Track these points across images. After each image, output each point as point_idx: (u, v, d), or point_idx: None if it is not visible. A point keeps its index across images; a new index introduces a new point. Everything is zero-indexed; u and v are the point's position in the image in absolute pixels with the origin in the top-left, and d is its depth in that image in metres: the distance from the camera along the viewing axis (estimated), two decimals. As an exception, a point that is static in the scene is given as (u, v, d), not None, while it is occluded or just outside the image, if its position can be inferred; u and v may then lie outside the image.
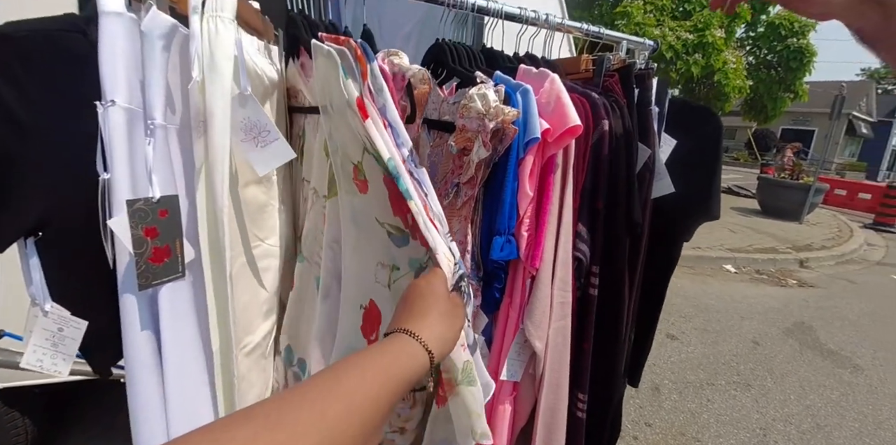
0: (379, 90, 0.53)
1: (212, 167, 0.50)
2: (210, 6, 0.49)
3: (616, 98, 0.79)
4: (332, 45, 0.53)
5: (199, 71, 0.48)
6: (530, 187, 0.64)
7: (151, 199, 0.48)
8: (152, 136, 0.48)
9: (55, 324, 0.56)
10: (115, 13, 0.48)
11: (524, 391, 0.76)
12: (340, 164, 0.59)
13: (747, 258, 4.42)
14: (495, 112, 0.58)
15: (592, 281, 0.78)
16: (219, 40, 0.49)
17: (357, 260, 0.60)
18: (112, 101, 0.47)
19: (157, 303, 0.51)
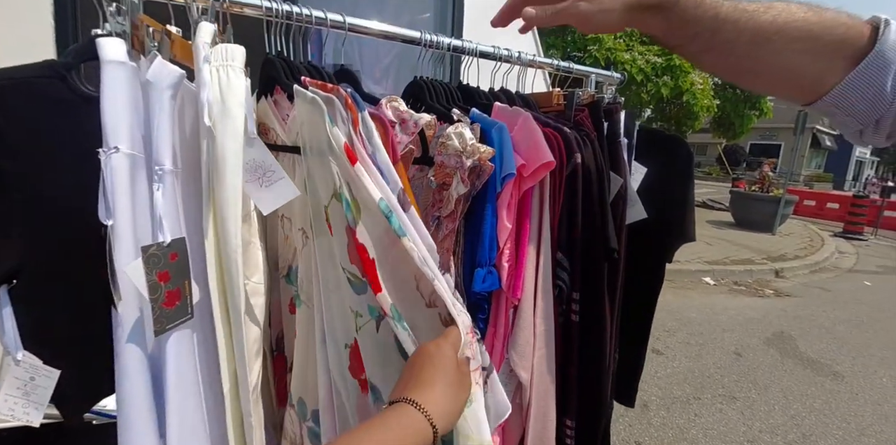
0: (370, 137, 0.55)
1: (224, 209, 0.50)
2: (220, 55, 0.51)
3: (587, 131, 0.84)
4: (317, 92, 0.55)
5: (209, 117, 0.49)
6: (508, 220, 0.67)
7: (163, 244, 0.48)
8: (161, 182, 0.49)
9: (27, 373, 0.55)
10: (118, 62, 0.49)
11: (511, 421, 0.77)
12: (314, 205, 0.60)
13: (725, 270, 4.54)
14: (472, 150, 0.61)
15: (573, 308, 0.80)
16: (231, 88, 0.50)
17: (337, 300, 0.61)
18: (116, 148, 0.47)
19: (164, 348, 0.50)
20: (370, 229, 0.54)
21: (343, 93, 0.55)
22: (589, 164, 0.80)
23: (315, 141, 0.56)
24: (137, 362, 0.50)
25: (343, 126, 0.54)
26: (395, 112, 0.64)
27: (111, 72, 0.49)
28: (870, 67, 0.44)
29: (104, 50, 0.49)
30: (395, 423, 0.35)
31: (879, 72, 0.44)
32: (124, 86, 0.49)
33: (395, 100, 0.65)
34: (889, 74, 0.44)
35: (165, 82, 0.49)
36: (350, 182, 0.52)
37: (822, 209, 9.35)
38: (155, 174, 0.49)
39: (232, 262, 0.51)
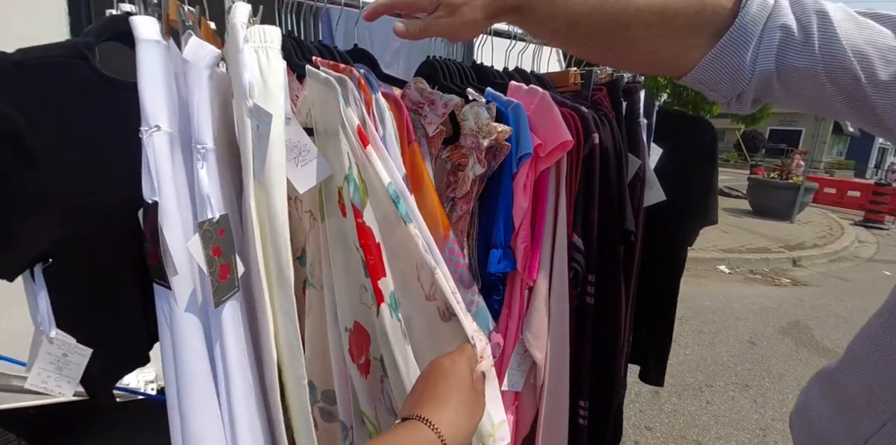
0: (381, 120, 0.55)
1: (271, 187, 0.51)
2: (258, 37, 0.50)
3: (605, 111, 0.82)
4: (330, 73, 0.54)
5: (251, 97, 0.49)
6: (524, 200, 0.66)
7: (212, 220, 0.49)
8: (205, 160, 0.49)
9: (60, 350, 0.57)
10: (155, 41, 0.49)
11: (525, 400, 0.77)
12: (326, 187, 0.60)
13: (740, 258, 4.46)
14: (488, 129, 0.60)
15: (589, 290, 0.79)
16: (271, 69, 0.50)
17: (345, 280, 0.61)
18: (157, 127, 0.48)
19: (221, 318, 0.51)
20: (376, 213, 0.53)
21: (356, 74, 0.54)
22: (607, 145, 0.78)
23: (328, 122, 0.55)
24: (195, 331, 0.51)
25: (356, 107, 0.53)
26: (423, 93, 0.63)
27: (147, 50, 0.48)
28: (729, 44, 0.44)
29: (139, 28, 0.49)
30: (407, 441, 0.34)
31: (739, 48, 0.44)
32: (160, 65, 0.49)
33: (421, 81, 0.64)
34: (748, 50, 0.43)
35: (204, 62, 0.49)
36: (360, 164, 0.52)
37: (843, 197, 9.09)
38: (198, 152, 0.49)
39: (279, 238, 0.52)
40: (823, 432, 0.50)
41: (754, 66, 0.44)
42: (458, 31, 0.52)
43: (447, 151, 0.68)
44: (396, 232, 0.53)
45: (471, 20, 0.51)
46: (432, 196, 0.60)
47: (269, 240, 0.53)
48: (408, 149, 0.58)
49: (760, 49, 0.43)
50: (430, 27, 0.51)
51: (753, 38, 0.43)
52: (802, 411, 0.55)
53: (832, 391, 0.51)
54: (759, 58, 0.43)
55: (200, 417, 0.50)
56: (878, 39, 0.40)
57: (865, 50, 0.39)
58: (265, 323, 0.54)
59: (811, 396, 0.54)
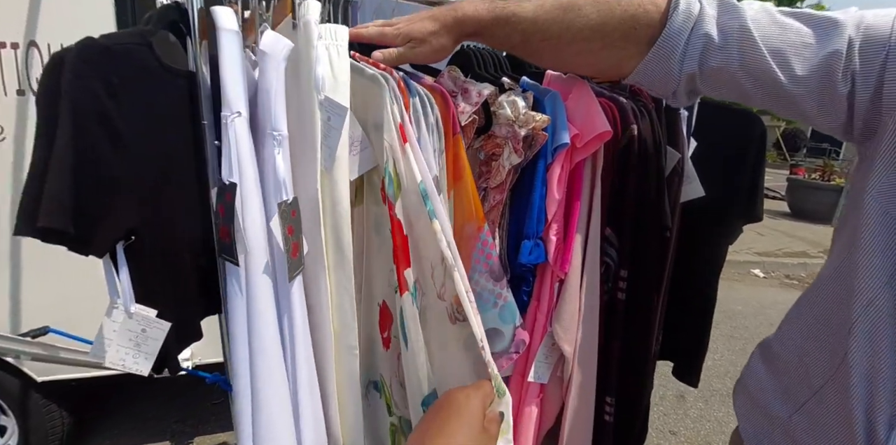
0: (417, 122, 0.57)
1: (337, 174, 0.55)
2: (329, 34, 0.54)
3: (644, 102, 0.79)
4: (374, 69, 0.57)
5: (322, 91, 0.52)
6: (559, 192, 0.65)
7: (287, 202, 0.53)
8: (280, 147, 0.53)
9: (139, 325, 0.60)
10: (234, 31, 0.51)
11: (551, 393, 0.77)
12: (369, 175, 0.63)
13: (776, 262, 4.28)
14: (525, 119, 0.59)
15: (620, 286, 0.77)
16: (340, 65, 0.54)
17: (377, 263, 0.64)
18: (238, 112, 0.50)
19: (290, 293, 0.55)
20: (406, 207, 0.56)
21: (396, 76, 0.57)
22: (645, 137, 0.76)
23: (372, 115, 0.58)
24: (269, 304, 0.54)
25: (397, 105, 0.56)
26: (456, 82, 0.63)
27: (228, 40, 0.51)
28: (657, 53, 0.50)
29: (221, 18, 0.51)
30: None
31: (666, 56, 0.50)
32: (238, 54, 0.52)
33: (455, 70, 0.64)
34: (675, 56, 0.49)
35: (281, 54, 0.52)
36: (396, 159, 0.55)
37: (892, 201, 8.54)
38: (274, 139, 0.52)
39: (342, 220, 0.56)
40: (762, 398, 0.53)
41: (681, 69, 0.50)
42: (429, 56, 0.59)
43: (480, 141, 0.68)
44: (421, 226, 0.56)
45: (440, 47, 0.58)
46: (470, 186, 0.61)
47: (330, 223, 0.57)
48: (452, 140, 0.60)
49: (686, 55, 0.49)
50: (405, 56, 0.59)
51: (679, 46, 0.49)
52: (745, 379, 0.58)
53: (770, 359, 0.54)
54: (685, 62, 0.49)
55: (272, 381, 0.54)
56: (796, 39, 0.45)
57: (782, 49, 0.45)
58: (325, 299, 0.58)
59: (752, 365, 0.57)
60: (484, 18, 0.55)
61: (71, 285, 1.42)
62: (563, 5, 0.52)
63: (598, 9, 0.51)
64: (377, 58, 0.59)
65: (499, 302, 0.65)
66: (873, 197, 0.42)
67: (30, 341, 1.31)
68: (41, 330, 1.35)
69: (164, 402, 2.00)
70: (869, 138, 0.45)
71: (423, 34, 0.57)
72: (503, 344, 0.67)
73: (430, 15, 0.58)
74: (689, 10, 0.48)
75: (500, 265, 0.64)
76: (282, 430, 0.55)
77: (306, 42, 0.53)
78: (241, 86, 0.51)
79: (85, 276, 1.43)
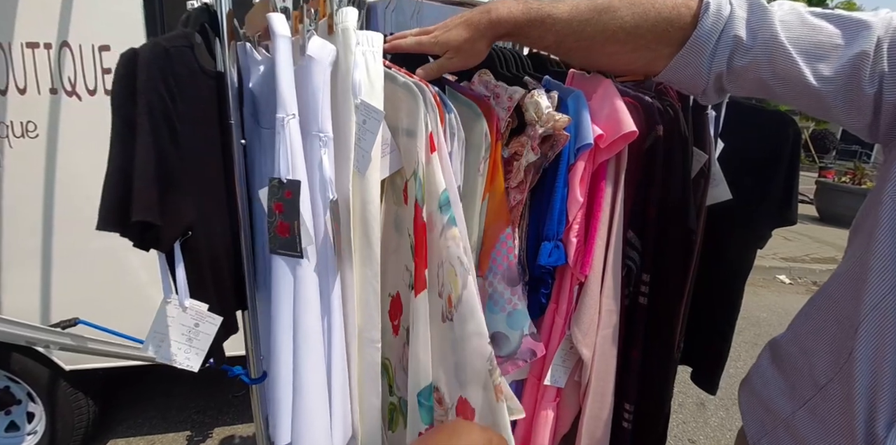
0: (452, 135, 0.59)
1: (370, 175, 0.58)
2: (366, 41, 0.56)
3: (671, 101, 0.77)
4: (407, 77, 0.59)
5: (358, 95, 0.55)
6: (581, 193, 0.63)
7: (333, 200, 0.56)
8: (326, 147, 0.56)
9: (192, 320, 0.62)
10: (288, 37, 0.54)
11: (568, 398, 0.75)
12: (391, 177, 0.64)
13: (804, 268, 4.13)
14: (546, 118, 0.58)
15: (642, 290, 0.76)
16: (376, 70, 0.56)
17: (393, 259, 0.66)
18: (294, 114, 0.53)
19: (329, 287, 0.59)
20: (429, 212, 0.58)
21: (432, 90, 0.59)
22: (671, 137, 0.74)
23: (403, 121, 0.60)
24: (315, 296, 0.58)
25: (430, 115, 0.57)
26: (487, 86, 0.63)
27: (284, 45, 0.53)
28: (687, 53, 0.52)
29: (276, 25, 0.53)
30: None
31: (696, 56, 0.51)
32: (290, 59, 0.54)
33: (486, 73, 0.64)
34: (704, 57, 0.51)
35: (328, 59, 0.54)
36: (425, 167, 0.57)
37: (928, 206, 8.15)
38: (320, 140, 0.55)
39: (372, 219, 0.59)
40: (766, 395, 0.54)
41: (710, 69, 0.52)
42: (467, 63, 0.61)
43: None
44: (437, 230, 0.58)
45: (476, 53, 0.60)
46: (501, 190, 0.63)
47: (360, 221, 0.59)
48: (494, 147, 0.62)
49: (716, 55, 0.50)
50: (444, 66, 0.61)
51: (709, 47, 0.50)
52: (751, 377, 0.59)
53: (778, 357, 0.55)
54: (714, 62, 0.51)
55: (314, 369, 0.58)
56: (825, 40, 0.46)
57: (811, 50, 0.46)
58: (350, 293, 0.61)
59: (760, 363, 0.58)
60: (519, 20, 0.56)
61: (100, 278, 1.47)
62: (598, 7, 0.53)
63: (633, 11, 0.52)
64: (420, 75, 0.61)
65: (507, 307, 0.65)
66: (890, 196, 0.43)
67: (60, 331, 1.35)
68: (71, 321, 1.40)
69: (186, 393, 2.05)
70: (893, 138, 0.45)
71: (459, 42, 0.58)
72: (509, 348, 0.68)
73: (463, 21, 0.58)
74: (719, 12, 0.49)
75: (517, 270, 0.64)
76: (319, 418, 0.58)
77: (345, 48, 0.55)
78: (293, 90, 0.53)
79: (114, 270, 1.48)
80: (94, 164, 1.56)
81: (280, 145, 0.53)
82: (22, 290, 1.43)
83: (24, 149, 1.36)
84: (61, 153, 1.37)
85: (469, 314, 0.57)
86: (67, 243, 1.43)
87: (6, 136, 1.35)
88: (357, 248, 0.60)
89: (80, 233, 1.44)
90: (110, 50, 1.34)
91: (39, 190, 1.38)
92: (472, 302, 0.57)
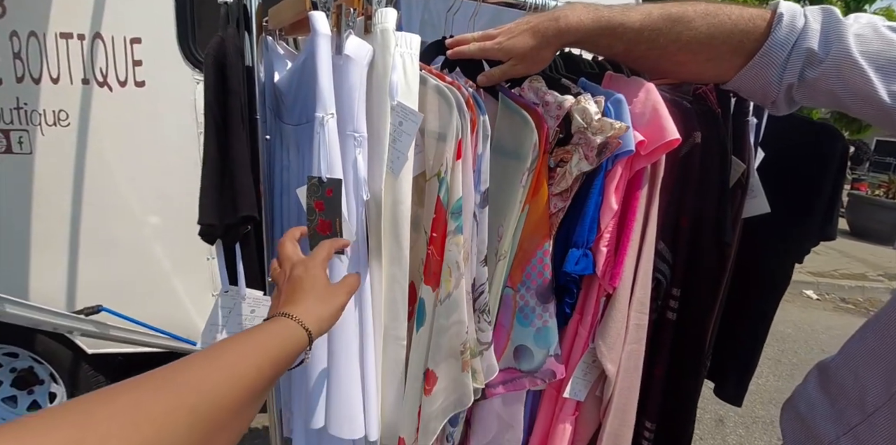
0: (485, 138, 0.58)
1: (403, 175, 0.58)
2: (404, 42, 0.55)
3: (710, 107, 0.73)
4: (438, 80, 0.57)
5: (394, 96, 0.54)
6: (615, 201, 0.61)
7: (367, 200, 0.57)
8: (361, 147, 0.55)
9: (249, 307, 0.64)
10: (328, 36, 0.53)
11: (587, 412, 0.72)
12: (416, 180, 0.63)
13: (832, 284, 3.98)
14: (599, 126, 0.56)
15: (671, 305, 0.72)
16: (413, 73, 0.56)
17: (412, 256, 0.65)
18: (332, 114, 0.53)
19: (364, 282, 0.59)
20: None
21: (465, 93, 0.57)
22: (710, 145, 0.70)
23: (434, 125, 0.59)
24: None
25: (462, 120, 0.56)
26: (538, 93, 0.61)
27: (324, 44, 0.52)
28: (758, 63, 0.52)
29: (318, 23, 0.53)
30: (272, 329, 0.40)
31: (767, 66, 0.51)
32: (330, 59, 0.53)
33: (538, 80, 0.62)
34: (775, 68, 0.51)
35: (365, 59, 0.54)
36: (451, 172, 0.57)
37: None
38: (355, 140, 0.55)
39: (402, 219, 0.59)
40: (811, 418, 0.53)
41: (781, 80, 0.51)
42: (531, 70, 0.61)
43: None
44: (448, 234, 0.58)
45: (541, 61, 0.60)
46: (544, 201, 0.62)
47: (390, 220, 0.59)
48: (541, 159, 0.60)
49: (787, 66, 0.50)
50: (507, 73, 0.60)
51: (781, 58, 0.50)
52: (796, 398, 0.58)
53: (826, 381, 0.55)
54: (785, 73, 0.51)
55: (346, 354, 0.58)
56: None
57: (884, 65, 0.45)
58: (377, 290, 0.61)
59: (807, 385, 0.57)
60: (589, 28, 0.55)
61: (124, 265, 1.50)
62: (673, 17, 0.53)
63: (708, 22, 0.51)
64: (482, 82, 0.60)
65: (538, 322, 0.63)
66: None
67: (83, 318, 1.38)
68: (94, 308, 1.43)
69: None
70: None
71: (525, 49, 0.57)
72: (531, 365, 0.66)
73: (529, 27, 0.57)
74: (793, 24, 0.49)
75: (551, 287, 0.63)
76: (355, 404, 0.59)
77: (383, 49, 0.54)
78: (331, 89, 0.53)
79: (138, 258, 1.50)
80: (122, 154, 1.60)
81: (320, 144, 0.53)
82: (50, 275, 1.46)
83: (56, 137, 1.39)
84: (91, 142, 1.40)
85: (454, 307, 0.59)
86: (94, 230, 1.46)
87: (39, 124, 1.38)
88: (386, 247, 0.60)
89: (106, 221, 1.47)
90: (141, 42, 1.36)
91: (69, 178, 1.41)
92: (459, 300, 0.59)
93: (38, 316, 1.24)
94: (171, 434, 0.26)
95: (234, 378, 0.32)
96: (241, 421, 0.32)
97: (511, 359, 0.67)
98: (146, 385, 0.28)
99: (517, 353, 0.65)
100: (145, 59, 1.36)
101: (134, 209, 1.45)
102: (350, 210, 0.57)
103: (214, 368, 0.32)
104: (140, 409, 0.26)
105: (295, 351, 0.40)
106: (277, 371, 0.37)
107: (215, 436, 0.29)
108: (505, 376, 0.67)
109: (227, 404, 0.30)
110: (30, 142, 1.39)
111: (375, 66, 0.55)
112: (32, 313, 1.22)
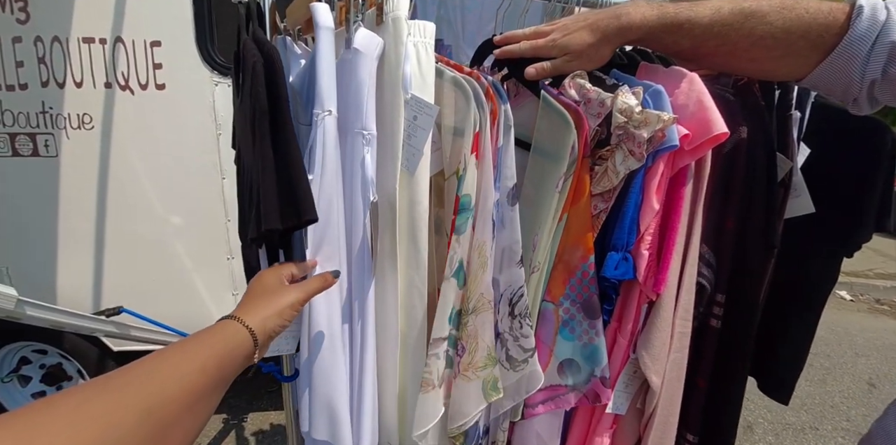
0: (507, 130, 0.55)
1: (420, 174, 0.54)
2: (418, 31, 0.52)
3: (755, 100, 0.69)
4: (455, 71, 0.54)
5: (408, 89, 0.51)
6: (657, 201, 0.57)
7: (374, 201, 0.54)
8: (369, 146, 0.52)
9: None
10: (331, 29, 0.50)
11: (627, 425, 0.69)
12: (435, 179, 0.60)
13: (867, 284, 3.82)
14: (643, 118, 0.52)
15: (715, 312, 0.68)
16: (428, 63, 0.52)
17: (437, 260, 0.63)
18: (330, 111, 0.50)
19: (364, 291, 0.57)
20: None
21: (485, 83, 0.54)
22: (756, 141, 0.66)
23: (451, 119, 0.56)
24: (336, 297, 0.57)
25: (479, 112, 0.53)
26: (580, 91, 0.57)
27: (327, 38, 0.50)
28: (837, 58, 0.49)
29: (320, 15, 0.50)
30: (214, 330, 0.42)
31: (848, 62, 0.48)
32: (332, 52, 0.50)
33: (581, 76, 0.58)
34: (857, 63, 0.48)
35: (375, 52, 0.51)
36: (468, 167, 0.54)
37: None
38: (363, 138, 0.52)
39: (420, 220, 0.56)
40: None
41: (864, 76, 0.48)
42: (585, 67, 0.58)
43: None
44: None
45: (598, 59, 0.57)
46: (585, 211, 0.58)
47: (407, 222, 0.56)
48: (581, 162, 0.56)
49: (870, 61, 0.47)
50: (560, 68, 0.57)
51: (862, 52, 0.47)
52: (874, 433, 0.55)
53: None
54: (867, 68, 0.48)
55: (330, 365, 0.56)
56: None
57: None
58: (392, 298, 0.58)
59: (886, 419, 0.54)
60: (653, 26, 0.53)
61: (147, 265, 1.52)
62: (745, 11, 0.50)
63: (784, 16, 0.49)
64: (531, 75, 0.56)
65: (584, 337, 0.60)
66: None
67: (104, 319, 1.39)
68: (115, 310, 1.44)
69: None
70: None
71: (583, 47, 0.55)
72: (576, 379, 0.62)
73: (588, 24, 0.55)
74: (874, 16, 0.47)
75: (597, 303, 0.59)
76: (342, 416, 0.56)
77: (395, 38, 0.51)
78: (333, 85, 0.50)
79: (161, 257, 1.52)
80: (144, 155, 1.62)
81: (314, 144, 0.50)
82: (75, 274, 1.49)
83: (80, 140, 1.41)
84: (115, 144, 1.41)
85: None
86: (118, 230, 1.48)
87: (64, 128, 1.40)
88: (402, 250, 0.57)
89: (129, 221, 1.49)
90: (161, 46, 1.36)
91: (94, 179, 1.43)
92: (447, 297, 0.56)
93: (60, 318, 1.25)
94: (117, 430, 0.28)
95: (177, 376, 0.34)
96: (194, 416, 0.34)
97: (555, 375, 0.63)
98: (88, 389, 0.30)
99: (561, 368, 0.61)
100: (165, 62, 1.37)
101: (156, 209, 1.47)
102: (355, 214, 0.54)
103: (159, 367, 0.34)
104: (80, 410, 0.27)
105: (239, 348, 0.41)
106: (223, 370, 0.39)
107: (169, 430, 0.31)
108: (547, 394, 0.64)
109: (174, 400, 0.32)
110: (55, 145, 1.41)
111: (387, 58, 0.52)
112: (54, 315, 1.23)
